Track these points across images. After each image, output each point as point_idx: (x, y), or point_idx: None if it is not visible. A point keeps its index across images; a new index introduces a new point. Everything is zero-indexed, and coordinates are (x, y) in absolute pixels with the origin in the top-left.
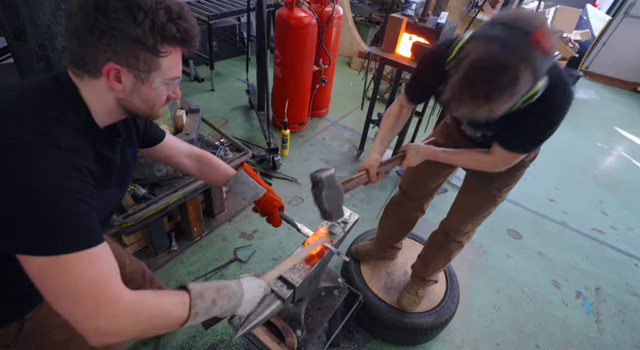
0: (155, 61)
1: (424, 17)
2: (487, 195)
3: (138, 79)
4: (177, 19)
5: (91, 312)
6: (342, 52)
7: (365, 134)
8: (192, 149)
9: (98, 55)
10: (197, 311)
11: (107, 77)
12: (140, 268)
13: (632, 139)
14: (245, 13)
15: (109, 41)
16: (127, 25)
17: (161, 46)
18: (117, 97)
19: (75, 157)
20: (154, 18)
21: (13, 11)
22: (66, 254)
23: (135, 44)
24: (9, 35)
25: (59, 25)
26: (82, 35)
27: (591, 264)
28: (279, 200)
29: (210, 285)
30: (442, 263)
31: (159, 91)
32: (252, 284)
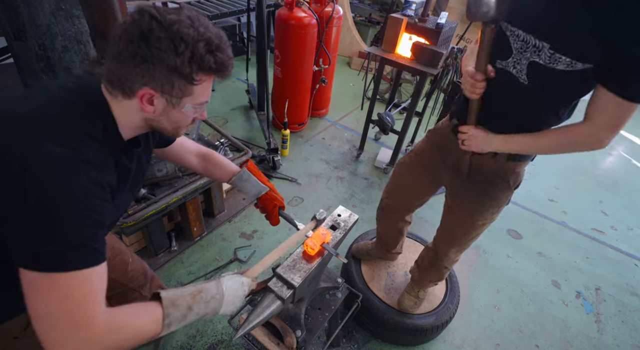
0: (189, 88)
1: (424, 17)
2: (465, 218)
3: (169, 103)
4: (216, 50)
5: (63, 338)
6: (342, 52)
7: (365, 134)
8: (199, 147)
9: (135, 79)
10: (170, 322)
11: (140, 99)
12: (141, 267)
13: (632, 139)
14: (245, 13)
15: (148, 67)
16: (167, 55)
17: (196, 75)
18: (146, 118)
19: (98, 174)
20: (194, 50)
21: (13, 11)
22: (63, 272)
23: (173, 73)
24: (9, 35)
25: (59, 25)
26: (123, 60)
27: (591, 264)
28: (280, 199)
29: (185, 291)
30: (436, 279)
31: (187, 114)
32: (233, 284)
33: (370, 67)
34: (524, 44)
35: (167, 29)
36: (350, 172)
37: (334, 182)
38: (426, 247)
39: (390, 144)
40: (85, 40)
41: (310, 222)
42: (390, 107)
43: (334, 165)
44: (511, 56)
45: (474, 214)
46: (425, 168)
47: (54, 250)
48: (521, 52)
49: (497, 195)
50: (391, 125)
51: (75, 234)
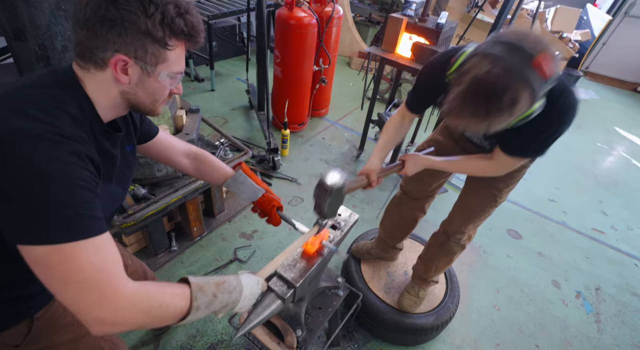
0: (162, 54)
1: (424, 17)
2: (489, 195)
3: (144, 71)
4: (185, 13)
5: (95, 301)
6: (342, 52)
7: (365, 134)
8: (189, 147)
9: (107, 46)
10: (199, 305)
11: (114, 68)
12: (141, 268)
13: (632, 139)
14: (245, 13)
15: (119, 32)
16: (138, 17)
17: (169, 39)
18: (122, 90)
19: (76, 145)
20: (164, 11)
21: (13, 11)
22: (70, 242)
23: (145, 36)
24: (9, 35)
25: (59, 25)
26: (92, 26)
27: (591, 264)
28: (277, 200)
29: (211, 280)
30: (444, 264)
31: (164, 84)
32: (250, 281)
33: (370, 67)
34: None
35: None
36: (350, 172)
37: None
38: (433, 235)
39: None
40: None
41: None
42: (390, 107)
43: (334, 165)
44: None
45: (497, 192)
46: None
47: (52, 221)
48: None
49: (519, 174)
50: None
51: (69, 203)
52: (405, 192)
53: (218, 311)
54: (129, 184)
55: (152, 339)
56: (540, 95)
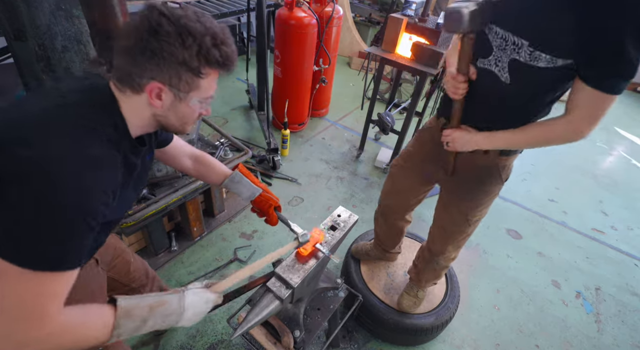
0: (196, 82)
1: (424, 17)
2: (459, 215)
3: (177, 97)
4: (221, 44)
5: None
6: (342, 52)
7: (365, 134)
8: (192, 149)
9: (144, 73)
10: (120, 333)
11: (149, 94)
12: (143, 267)
13: (632, 139)
14: (245, 13)
15: (157, 62)
16: (176, 48)
17: (203, 68)
18: (154, 113)
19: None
20: (200, 43)
21: (13, 11)
22: (38, 271)
23: (181, 66)
24: (9, 35)
25: (59, 25)
26: (133, 55)
27: (591, 264)
28: (275, 199)
29: (144, 302)
30: (433, 278)
31: (194, 109)
32: (198, 300)
33: (370, 67)
34: (503, 42)
35: (175, 23)
36: (350, 172)
37: (334, 182)
38: (421, 247)
39: (391, 144)
40: (85, 40)
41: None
42: (390, 107)
43: (334, 165)
44: (492, 54)
45: (468, 210)
46: (417, 167)
47: (39, 249)
48: (501, 49)
49: (491, 189)
50: (391, 125)
51: (66, 237)
52: (385, 205)
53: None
54: (143, 187)
55: (152, 339)
56: None
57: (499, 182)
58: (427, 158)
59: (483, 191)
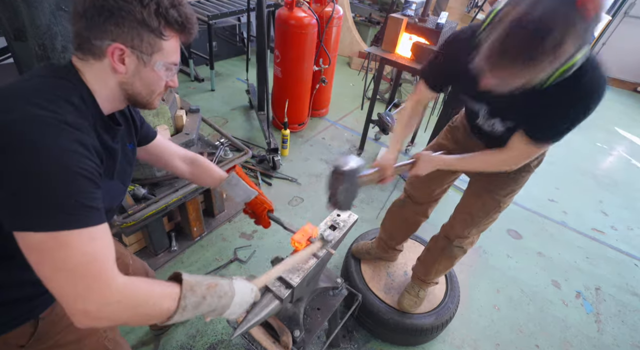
0: (158, 43)
1: (424, 17)
2: (492, 201)
3: (140, 60)
4: (178, 5)
5: (83, 292)
6: (342, 52)
7: (365, 134)
8: (185, 152)
9: (104, 35)
10: (186, 305)
11: (111, 57)
12: (142, 268)
13: (632, 139)
14: (245, 13)
15: (116, 22)
16: (134, 7)
17: (164, 29)
18: (120, 81)
19: (80, 134)
20: (158, 2)
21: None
22: (66, 230)
23: (141, 26)
24: (9, 35)
25: (59, 25)
26: (91, 17)
27: (591, 264)
28: (269, 203)
29: (203, 280)
30: (445, 268)
31: (160, 75)
32: (244, 288)
33: (370, 67)
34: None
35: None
36: None
37: None
38: (433, 238)
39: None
40: None
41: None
42: (390, 107)
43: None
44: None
45: (501, 198)
46: None
47: (51, 209)
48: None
49: (521, 177)
50: (391, 125)
51: (69, 191)
52: (409, 196)
53: (206, 314)
54: (130, 180)
55: (152, 339)
56: (585, 40)
57: (529, 169)
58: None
59: (514, 179)
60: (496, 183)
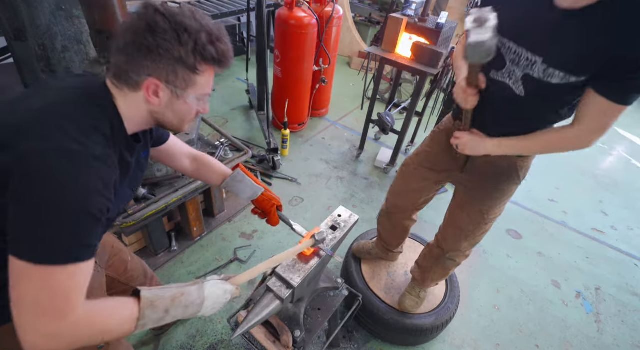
0: (192, 78)
1: (424, 17)
2: (477, 213)
3: (174, 94)
4: (217, 41)
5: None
6: (342, 52)
7: (365, 133)
8: (190, 150)
9: (141, 70)
10: (145, 323)
11: (146, 91)
12: (141, 266)
13: (632, 139)
14: (245, 13)
15: (154, 58)
16: (172, 45)
17: (199, 65)
18: (152, 110)
19: (106, 169)
20: (196, 40)
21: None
22: (55, 265)
23: (177, 63)
24: (9, 35)
25: (59, 25)
26: (130, 52)
27: (591, 264)
28: (277, 199)
29: (166, 294)
30: (439, 276)
31: (191, 106)
32: (216, 290)
33: (370, 67)
34: (517, 57)
35: (170, 20)
36: (350, 172)
37: (334, 182)
38: (428, 245)
39: (391, 144)
40: (85, 40)
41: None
42: (390, 107)
43: (334, 165)
44: (505, 68)
45: (486, 209)
46: (431, 167)
47: (50, 243)
48: (515, 64)
49: (508, 188)
50: (391, 125)
51: (75, 231)
52: (392, 205)
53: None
54: (139, 185)
55: (152, 339)
56: None
57: (517, 181)
58: (444, 158)
59: (500, 190)
60: (481, 194)
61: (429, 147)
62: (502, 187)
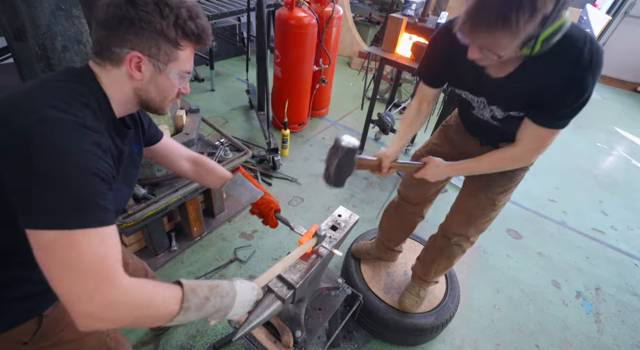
0: (174, 53)
1: (424, 17)
2: (487, 200)
3: (156, 68)
4: (196, 17)
5: (89, 292)
6: (342, 52)
7: (365, 133)
8: (190, 152)
9: (123, 43)
10: (189, 306)
11: (129, 65)
12: (142, 267)
13: (632, 139)
14: (245, 13)
15: (135, 31)
16: (154, 18)
17: (181, 40)
18: (135, 87)
19: (99, 136)
20: (177, 14)
21: (13, 11)
22: (79, 229)
23: (159, 36)
24: (9, 35)
25: (59, 25)
26: (112, 25)
27: (591, 264)
28: (275, 202)
29: (204, 283)
30: (444, 268)
31: (173, 82)
32: (245, 287)
33: (370, 67)
34: (482, 104)
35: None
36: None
37: None
38: (431, 237)
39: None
40: (85, 40)
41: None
42: (390, 107)
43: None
44: (475, 110)
45: (496, 196)
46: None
47: (67, 208)
48: (481, 109)
49: (516, 175)
50: (391, 125)
51: (85, 191)
52: (403, 198)
53: (210, 316)
54: (135, 183)
55: (152, 339)
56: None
57: (524, 168)
58: (453, 150)
59: (509, 177)
60: (490, 182)
61: (436, 140)
62: (510, 174)
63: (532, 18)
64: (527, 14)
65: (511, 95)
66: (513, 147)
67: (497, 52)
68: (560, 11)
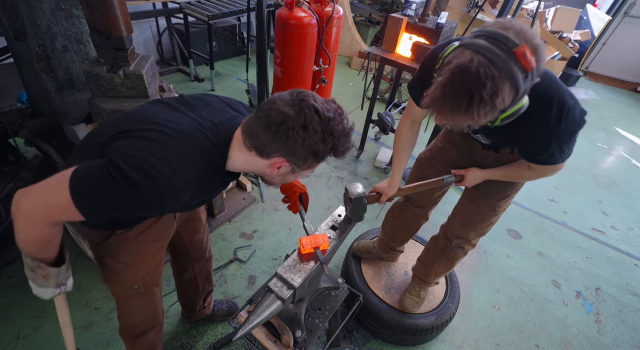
0: (314, 165)
1: (424, 17)
2: (487, 206)
3: (292, 171)
4: (346, 143)
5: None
6: (342, 52)
7: (365, 133)
8: None
9: (280, 150)
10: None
11: (272, 165)
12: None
13: (632, 139)
14: (245, 13)
15: (295, 147)
16: (315, 143)
17: (327, 156)
18: (264, 173)
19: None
20: (335, 143)
21: (13, 11)
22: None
23: (311, 155)
24: (9, 35)
25: (59, 25)
26: (278, 136)
27: (591, 264)
28: (300, 187)
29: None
30: (445, 269)
31: (298, 176)
32: (40, 292)
33: (370, 67)
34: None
35: (324, 124)
36: (351, 172)
37: (334, 182)
38: (432, 238)
39: (390, 144)
40: (85, 40)
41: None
42: (390, 107)
43: (334, 165)
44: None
45: (496, 202)
46: (442, 160)
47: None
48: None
49: (517, 184)
50: (391, 125)
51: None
52: (408, 199)
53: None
54: None
55: None
56: (524, 88)
57: None
58: (455, 154)
59: (509, 184)
60: (491, 188)
61: (440, 142)
62: (510, 181)
63: (491, 111)
64: (487, 108)
65: (493, 133)
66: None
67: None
68: (519, 101)
